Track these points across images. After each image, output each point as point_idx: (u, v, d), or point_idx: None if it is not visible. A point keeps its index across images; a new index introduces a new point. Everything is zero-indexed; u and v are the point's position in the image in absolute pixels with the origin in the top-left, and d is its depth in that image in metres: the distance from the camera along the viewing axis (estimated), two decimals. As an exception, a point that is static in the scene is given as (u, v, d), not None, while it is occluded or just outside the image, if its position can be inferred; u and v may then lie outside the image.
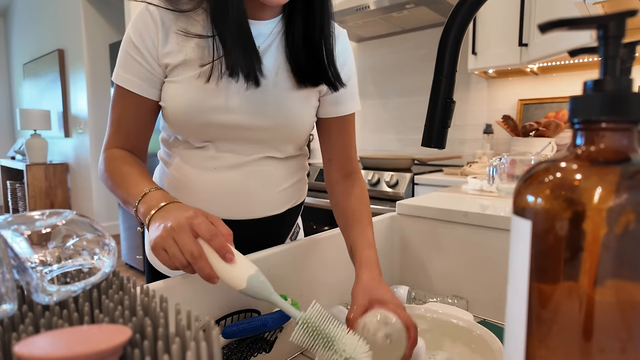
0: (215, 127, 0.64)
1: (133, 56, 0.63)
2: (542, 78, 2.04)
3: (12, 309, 0.25)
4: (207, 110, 0.63)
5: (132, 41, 0.63)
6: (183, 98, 0.63)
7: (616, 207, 0.22)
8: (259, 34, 0.65)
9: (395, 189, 1.79)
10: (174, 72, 0.63)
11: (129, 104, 0.65)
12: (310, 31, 0.66)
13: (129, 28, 0.65)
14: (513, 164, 1.04)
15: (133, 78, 0.64)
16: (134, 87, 0.64)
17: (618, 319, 0.22)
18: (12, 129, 5.63)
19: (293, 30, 0.66)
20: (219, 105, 0.63)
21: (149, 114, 0.67)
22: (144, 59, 0.63)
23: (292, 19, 0.66)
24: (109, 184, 0.64)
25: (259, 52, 0.63)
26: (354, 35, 2.59)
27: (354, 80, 0.75)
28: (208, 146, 0.67)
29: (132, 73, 0.64)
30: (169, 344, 0.23)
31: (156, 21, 0.62)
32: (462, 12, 0.40)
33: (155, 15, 0.62)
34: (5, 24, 5.45)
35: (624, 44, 0.25)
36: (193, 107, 0.62)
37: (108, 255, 0.33)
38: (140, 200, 0.55)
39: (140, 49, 0.63)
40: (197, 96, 0.62)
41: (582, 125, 0.25)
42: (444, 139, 0.44)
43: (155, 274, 0.74)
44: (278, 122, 0.67)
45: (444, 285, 0.76)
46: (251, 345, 0.51)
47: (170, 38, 0.63)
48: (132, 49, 0.63)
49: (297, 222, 0.84)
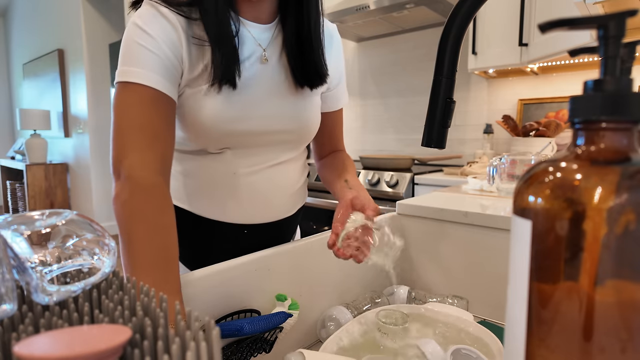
0: (237, 135, 0.63)
1: (149, 48, 0.53)
2: (542, 78, 2.04)
3: (11, 309, 0.25)
4: (229, 120, 0.61)
5: (145, 31, 0.54)
6: (206, 109, 0.59)
7: (616, 207, 0.22)
8: (262, 38, 0.65)
9: (396, 189, 1.79)
10: (195, 83, 0.59)
11: (147, 103, 0.53)
12: (301, 30, 0.65)
13: (136, 20, 0.55)
14: (513, 164, 1.04)
15: (152, 73, 0.53)
16: (154, 83, 0.53)
17: (618, 319, 0.22)
18: (12, 129, 5.62)
19: (289, 33, 0.66)
20: (240, 115, 0.62)
21: (171, 114, 0.56)
22: (163, 52, 0.54)
23: (286, 19, 0.66)
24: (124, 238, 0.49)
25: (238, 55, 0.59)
26: (354, 35, 2.59)
27: (343, 73, 0.79)
28: (225, 152, 0.66)
29: (150, 67, 0.53)
30: (169, 344, 0.23)
31: (174, 25, 0.56)
32: (462, 12, 0.40)
33: (171, 18, 0.56)
34: (5, 24, 5.45)
35: (624, 44, 0.24)
36: (216, 118, 0.60)
37: (108, 255, 0.33)
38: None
39: (155, 39, 0.54)
40: (218, 106, 0.60)
41: (583, 125, 0.25)
42: (444, 138, 0.44)
43: None
44: (296, 125, 0.68)
45: (444, 285, 0.76)
46: (251, 346, 0.51)
47: (190, 45, 0.58)
48: (147, 40, 0.53)
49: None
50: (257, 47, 0.64)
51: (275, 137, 0.67)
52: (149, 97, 0.53)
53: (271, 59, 0.65)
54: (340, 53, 0.77)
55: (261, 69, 0.64)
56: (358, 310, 0.62)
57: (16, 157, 4.73)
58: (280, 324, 0.49)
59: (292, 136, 0.69)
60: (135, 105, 0.53)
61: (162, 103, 0.55)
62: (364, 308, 0.63)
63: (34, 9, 4.58)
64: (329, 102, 0.77)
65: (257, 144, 0.66)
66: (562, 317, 0.23)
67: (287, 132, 0.68)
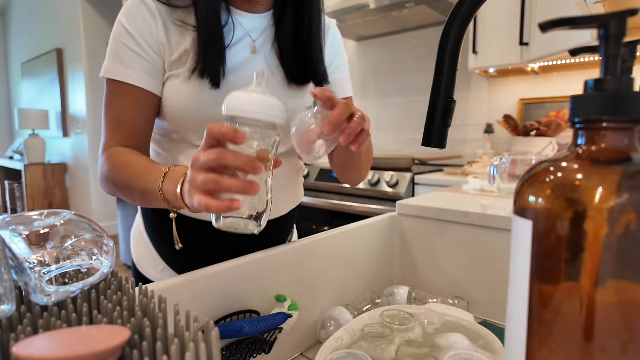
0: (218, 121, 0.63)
1: (130, 47, 0.59)
2: (543, 77, 2.04)
3: (10, 309, 0.25)
4: (210, 104, 0.61)
5: (127, 30, 0.59)
6: (186, 91, 0.60)
7: (617, 207, 0.22)
8: (253, 27, 0.65)
9: (396, 189, 1.79)
10: (176, 65, 0.61)
11: (128, 99, 0.60)
12: (300, 29, 0.65)
13: (120, 18, 0.60)
14: (514, 163, 1.04)
15: (131, 71, 0.59)
16: (134, 80, 0.59)
17: (619, 320, 0.22)
18: (10, 129, 5.62)
19: (284, 27, 0.65)
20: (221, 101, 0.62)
21: (150, 110, 0.62)
22: (142, 49, 0.59)
23: (283, 15, 0.66)
24: (118, 179, 0.57)
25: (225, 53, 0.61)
26: (354, 35, 2.59)
27: (346, 65, 0.78)
28: None
29: (129, 65, 0.59)
30: (168, 345, 0.23)
31: (153, 13, 0.60)
32: (462, 11, 0.40)
33: (152, 7, 0.60)
34: (4, 23, 5.45)
35: (625, 43, 0.24)
36: (197, 101, 0.61)
37: (106, 255, 0.33)
38: (164, 180, 0.48)
39: (137, 39, 0.59)
40: (200, 89, 0.60)
41: (583, 125, 0.25)
42: (445, 138, 0.44)
43: (143, 280, 0.73)
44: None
45: (444, 285, 0.76)
46: (250, 347, 0.51)
47: (169, 29, 0.60)
48: (128, 39, 0.59)
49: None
50: (247, 36, 0.64)
51: None
52: (131, 95, 0.59)
53: (261, 50, 0.65)
54: (337, 46, 0.76)
55: (250, 59, 0.64)
56: (358, 310, 0.62)
57: (15, 157, 4.73)
58: (280, 324, 0.49)
59: None
60: (117, 101, 0.60)
61: (142, 99, 0.60)
62: (364, 309, 0.63)
63: (33, 9, 4.57)
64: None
65: None
66: (563, 317, 0.23)
67: None
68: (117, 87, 0.59)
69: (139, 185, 0.53)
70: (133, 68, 0.59)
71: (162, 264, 0.72)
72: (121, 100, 0.60)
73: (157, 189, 0.49)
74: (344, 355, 0.44)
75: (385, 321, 0.51)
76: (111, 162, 0.58)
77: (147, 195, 0.52)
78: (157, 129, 0.68)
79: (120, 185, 0.56)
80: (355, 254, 0.70)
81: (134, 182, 0.54)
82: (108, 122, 0.61)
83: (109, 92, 0.61)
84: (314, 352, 0.57)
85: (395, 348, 0.47)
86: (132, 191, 0.55)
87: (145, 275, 0.73)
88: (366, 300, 0.65)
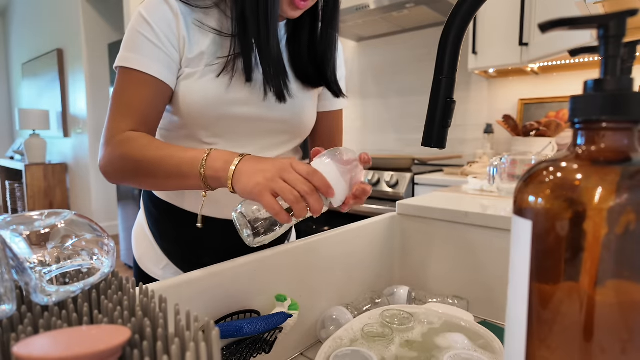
0: (230, 119, 0.64)
1: (148, 37, 0.59)
2: (542, 77, 2.04)
3: (11, 309, 0.25)
4: (226, 102, 0.63)
5: (146, 22, 0.59)
6: (202, 88, 0.61)
7: (617, 207, 0.22)
8: None
9: (396, 189, 1.79)
10: (193, 63, 0.62)
11: (142, 88, 0.59)
12: (315, 42, 0.68)
13: (141, 10, 0.60)
14: (514, 163, 1.04)
15: (147, 59, 0.59)
16: (150, 69, 0.58)
17: (619, 320, 0.22)
18: (11, 129, 5.62)
19: (299, 38, 0.68)
20: (238, 98, 0.63)
21: (162, 101, 0.62)
22: (160, 41, 0.59)
23: (298, 26, 0.68)
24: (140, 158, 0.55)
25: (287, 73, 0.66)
26: (353, 35, 2.59)
27: (344, 75, 0.80)
28: (218, 144, 0.66)
29: (146, 54, 0.59)
30: (169, 345, 0.23)
31: (175, 10, 0.61)
32: (462, 11, 0.40)
33: (174, 4, 0.61)
34: (4, 24, 5.45)
35: (624, 44, 0.24)
36: (213, 98, 0.62)
37: (107, 255, 0.33)
38: (206, 159, 0.51)
39: (156, 31, 0.59)
40: (216, 87, 0.62)
41: (583, 125, 0.25)
42: (445, 138, 0.44)
43: (145, 278, 0.73)
44: (289, 114, 0.69)
45: (444, 285, 0.76)
46: (250, 346, 0.51)
47: (190, 28, 0.62)
48: (147, 30, 0.59)
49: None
50: None
51: (269, 126, 0.68)
52: (145, 83, 0.59)
53: None
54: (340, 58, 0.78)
55: None
56: (358, 310, 0.62)
57: (15, 157, 4.73)
58: (280, 324, 0.49)
59: (285, 126, 0.70)
60: (130, 88, 0.59)
61: (155, 89, 0.60)
62: (364, 308, 0.63)
63: (34, 9, 4.57)
64: (325, 101, 0.78)
65: (250, 131, 0.67)
66: (563, 317, 0.23)
67: (280, 122, 0.69)
68: (132, 75, 0.59)
69: (171, 162, 0.53)
70: (149, 57, 0.59)
71: (165, 261, 0.73)
72: (135, 88, 0.59)
73: (198, 165, 0.51)
74: (348, 352, 0.45)
75: (385, 321, 0.51)
76: (129, 143, 0.56)
77: (180, 172, 0.53)
78: (164, 123, 0.68)
79: (143, 164, 0.55)
80: (355, 254, 0.70)
81: (164, 159, 0.54)
82: (117, 107, 0.59)
83: (121, 80, 0.60)
84: (314, 352, 0.57)
85: (395, 348, 0.47)
86: (159, 168, 0.54)
87: (148, 273, 0.73)
88: (366, 300, 0.65)
